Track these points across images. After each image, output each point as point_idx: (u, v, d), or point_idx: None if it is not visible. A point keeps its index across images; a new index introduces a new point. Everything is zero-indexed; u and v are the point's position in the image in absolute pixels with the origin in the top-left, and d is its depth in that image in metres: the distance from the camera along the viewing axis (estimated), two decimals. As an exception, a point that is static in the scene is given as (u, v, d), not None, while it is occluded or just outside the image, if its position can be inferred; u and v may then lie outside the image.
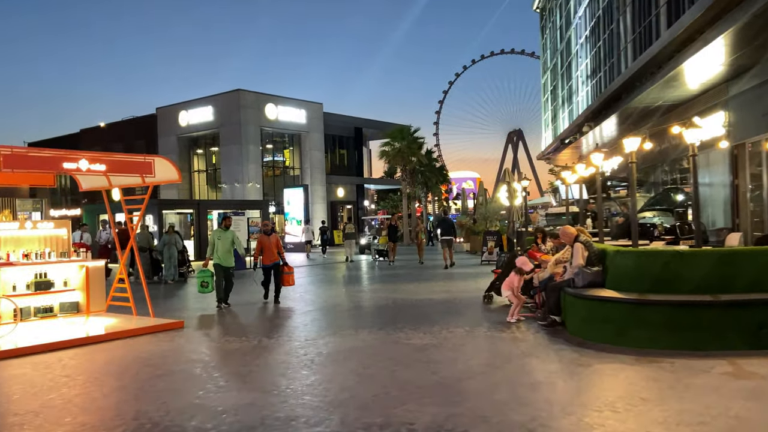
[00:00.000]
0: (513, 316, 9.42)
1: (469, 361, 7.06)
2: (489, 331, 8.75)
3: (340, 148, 47.48)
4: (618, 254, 8.15)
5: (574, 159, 40.51)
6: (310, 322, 10.21)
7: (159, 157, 9.36)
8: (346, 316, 10.89)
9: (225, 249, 11.77)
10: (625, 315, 7.39)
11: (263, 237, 12.28)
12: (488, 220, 27.12)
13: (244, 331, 9.47)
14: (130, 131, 42.59)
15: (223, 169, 38.71)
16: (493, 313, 10.46)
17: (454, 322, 9.56)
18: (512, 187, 20.58)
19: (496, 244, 20.97)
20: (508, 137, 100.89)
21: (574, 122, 29.88)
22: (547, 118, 42.95)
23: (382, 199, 54.63)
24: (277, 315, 11.10)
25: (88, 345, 8.57)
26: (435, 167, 46.92)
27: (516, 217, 20.28)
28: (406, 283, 15.70)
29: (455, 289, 14.00)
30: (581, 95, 29.77)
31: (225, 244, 11.81)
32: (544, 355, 7.19)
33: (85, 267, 9.90)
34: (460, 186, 63.88)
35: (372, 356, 7.45)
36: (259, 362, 7.37)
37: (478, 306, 11.39)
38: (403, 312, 10.99)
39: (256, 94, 38.37)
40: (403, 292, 13.82)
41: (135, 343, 8.81)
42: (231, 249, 11.89)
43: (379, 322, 9.92)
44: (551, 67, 39.73)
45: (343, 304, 12.26)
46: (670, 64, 15.31)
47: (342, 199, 45.99)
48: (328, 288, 15.64)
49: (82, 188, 11.24)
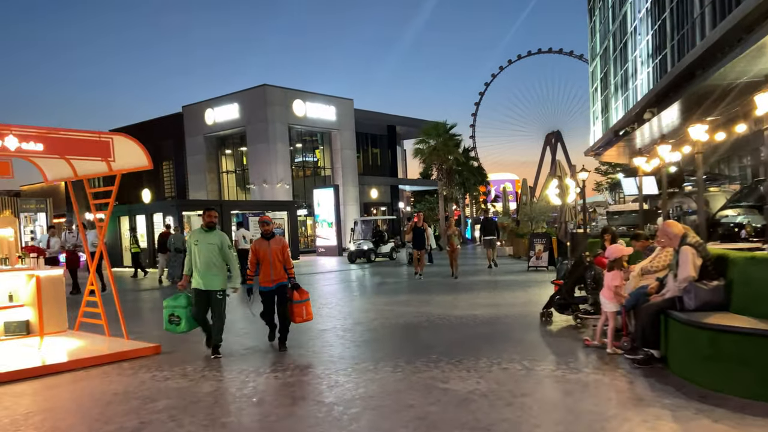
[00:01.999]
0: (608, 343, 6.95)
1: (536, 429, 4.68)
2: (558, 369, 6.33)
3: (373, 147, 45.30)
4: (754, 263, 5.62)
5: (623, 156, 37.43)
6: (320, 349, 7.94)
7: (120, 135, 7.28)
8: (366, 338, 8.58)
9: (208, 261, 7.32)
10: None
11: (260, 243, 7.78)
12: (534, 221, 24.48)
13: (228, 361, 7.25)
14: (158, 131, 41.25)
15: (251, 169, 36.92)
16: (558, 339, 8.01)
17: (506, 353, 7.16)
18: (564, 182, 17.97)
19: (545, 247, 18.41)
20: (546, 139, 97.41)
21: (631, 110, 26.93)
22: (595, 110, 39.80)
23: (417, 201, 52.27)
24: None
25: (26, 380, 6.50)
26: (473, 167, 44.36)
27: (569, 216, 17.67)
28: (442, 294, 13.30)
29: (502, 302, 11.55)
30: (640, 79, 26.79)
31: (207, 254, 7.33)
32: (654, 419, 4.74)
33: (35, 277, 7.85)
34: (498, 188, 61.15)
35: (392, 415, 5.13)
36: (233, 414, 5.14)
37: (534, 327, 8.95)
38: (438, 334, 8.64)
39: (282, 89, 36.48)
40: (438, 305, 11.45)
41: (87, 376, 6.71)
42: (219, 262, 7.41)
43: (407, 350, 7.59)
44: (601, 52, 36.60)
45: (365, 322, 9.95)
46: (766, 27, 12.51)
47: (376, 200, 43.79)
48: (352, 298, 13.37)
49: (48, 179, 9.24)
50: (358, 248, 24.84)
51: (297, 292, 7.73)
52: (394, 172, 46.56)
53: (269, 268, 7.67)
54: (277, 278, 7.74)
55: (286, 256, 7.81)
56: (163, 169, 42.69)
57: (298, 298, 7.71)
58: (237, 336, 8.80)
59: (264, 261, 7.71)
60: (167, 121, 40.91)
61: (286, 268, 7.76)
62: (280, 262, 7.72)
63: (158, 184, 42.32)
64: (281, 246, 7.82)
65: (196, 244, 7.40)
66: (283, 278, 7.77)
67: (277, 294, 7.79)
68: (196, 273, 7.36)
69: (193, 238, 7.50)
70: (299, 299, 7.71)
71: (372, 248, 25.03)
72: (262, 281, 7.73)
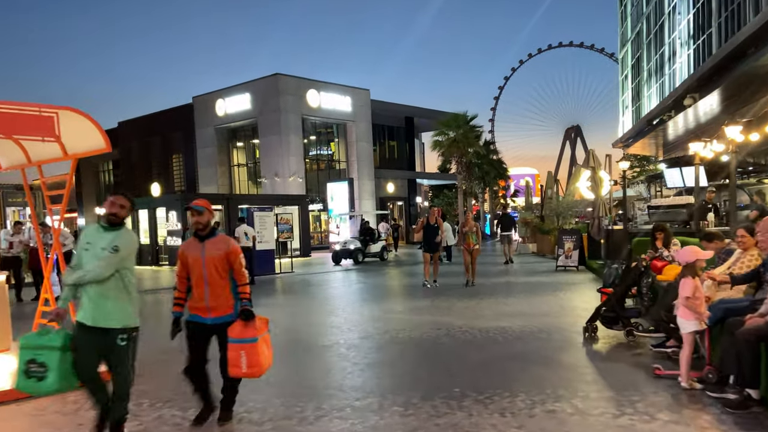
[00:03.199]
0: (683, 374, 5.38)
1: None
2: (622, 414, 4.78)
3: (390, 140, 43.68)
4: None
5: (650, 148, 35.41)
6: (316, 375, 6.47)
7: (68, 110, 5.86)
8: (374, 360, 7.09)
9: (100, 284, 4.17)
10: None
11: (189, 247, 4.77)
12: (561, 216, 22.78)
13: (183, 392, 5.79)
14: (168, 122, 40.09)
15: (263, 162, 35.54)
16: (612, 364, 6.44)
17: (549, 384, 5.63)
18: (598, 174, 16.28)
19: (575, 245, 16.77)
20: (565, 133, 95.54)
21: (668, 97, 25.02)
22: (625, 99, 37.73)
23: (435, 195, 50.63)
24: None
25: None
26: (493, 160, 42.61)
27: (603, 211, 15.99)
28: (464, 298, 11.74)
29: (534, 311, 9.97)
30: (679, 62, 24.87)
31: None
32: None
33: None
34: (518, 183, 59.36)
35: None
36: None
37: (577, 345, 7.41)
38: (461, 354, 7.12)
39: (296, 79, 35.01)
40: (459, 314, 9.92)
41: (18, 413, 5.31)
42: (121, 284, 4.24)
43: (423, 378, 6.09)
44: (633, 37, 34.51)
45: (374, 335, 8.46)
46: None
47: (392, 194, 42.22)
48: (361, 304, 11.89)
49: (2, 167, 7.87)
50: (343, 248, 22.25)
51: (243, 323, 4.48)
52: (411, 166, 44.91)
53: (203, 287, 4.60)
54: (216, 305, 4.61)
55: (237, 267, 4.65)
56: (173, 162, 41.56)
57: (238, 334, 4.45)
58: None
59: (195, 275, 4.63)
60: (177, 112, 39.68)
61: (236, 288, 4.66)
62: (224, 279, 4.62)
63: (168, 178, 41.21)
64: (225, 251, 4.62)
65: (87, 249, 4.23)
66: (228, 306, 4.64)
67: (217, 333, 4.63)
68: (85, 297, 4.19)
69: (84, 240, 4.30)
70: (239, 337, 4.44)
71: (360, 248, 22.20)
72: (192, 308, 4.71)
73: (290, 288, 15.43)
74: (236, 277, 4.67)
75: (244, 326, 4.49)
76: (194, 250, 4.69)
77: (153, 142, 41.71)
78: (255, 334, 4.49)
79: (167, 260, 23.79)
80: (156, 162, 42.18)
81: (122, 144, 42.55)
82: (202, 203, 4.72)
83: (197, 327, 4.67)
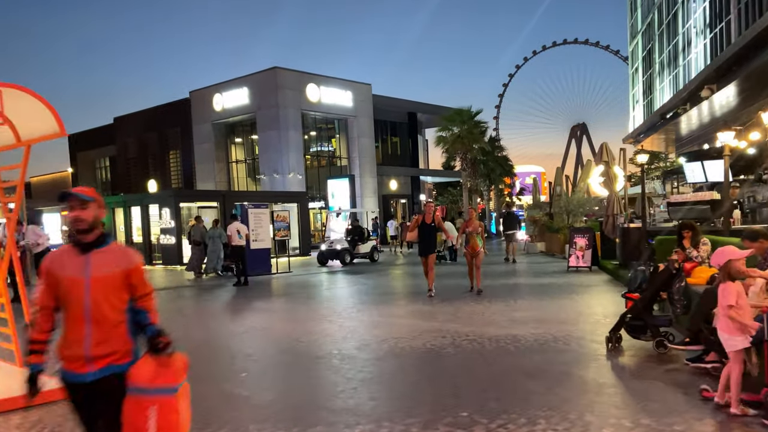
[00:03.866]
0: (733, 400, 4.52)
1: None
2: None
3: (393, 136, 42.75)
4: None
5: (661, 144, 34.42)
6: (303, 395, 5.61)
7: (13, 87, 5.01)
8: (369, 375, 6.22)
9: None
10: None
11: (61, 261, 2.91)
12: (571, 214, 21.85)
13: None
14: (164, 117, 39.20)
15: (262, 158, 34.65)
16: (643, 381, 5.56)
17: (572, 407, 4.76)
18: (612, 170, 15.36)
19: (588, 245, 15.86)
20: (571, 131, 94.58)
21: (683, 89, 24.02)
22: (635, 93, 36.66)
23: (440, 193, 49.75)
24: (245, 366, 6.53)
25: None
26: (498, 157, 41.70)
27: (617, 208, 15.07)
28: (471, 302, 10.86)
29: (548, 317, 9.07)
30: (694, 53, 23.87)
31: None
32: None
33: None
34: (523, 180, 58.43)
35: None
36: None
37: (600, 357, 6.53)
38: (468, 369, 6.25)
39: (295, 72, 34.11)
40: (466, 320, 9.04)
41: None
42: None
43: (425, 399, 5.23)
44: (643, 29, 33.42)
45: (372, 344, 7.58)
46: None
47: (395, 192, 41.33)
48: (360, 308, 11.01)
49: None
50: (330, 248, 20.89)
51: (155, 359, 2.89)
52: (415, 163, 43.97)
53: (82, 325, 2.85)
54: (103, 353, 2.86)
55: (137, 287, 2.98)
56: (170, 158, 40.66)
57: (148, 380, 2.84)
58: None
59: (71, 306, 2.87)
60: (173, 107, 38.79)
61: (135, 325, 2.98)
62: (118, 313, 2.91)
63: (165, 175, 40.34)
64: (124, 269, 2.93)
65: None
66: (124, 353, 2.92)
67: (104, 393, 2.88)
68: None
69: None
70: (148, 385, 2.84)
71: (347, 248, 20.76)
72: (63, 358, 2.91)
73: (285, 289, 14.56)
74: (140, 303, 2.97)
75: (157, 367, 2.84)
76: (71, 265, 2.88)
77: (149, 138, 40.81)
78: (174, 381, 2.87)
79: (161, 259, 22.99)
80: (153, 158, 41.30)
81: (119, 140, 41.73)
82: (88, 191, 2.98)
83: (74, 390, 2.90)
